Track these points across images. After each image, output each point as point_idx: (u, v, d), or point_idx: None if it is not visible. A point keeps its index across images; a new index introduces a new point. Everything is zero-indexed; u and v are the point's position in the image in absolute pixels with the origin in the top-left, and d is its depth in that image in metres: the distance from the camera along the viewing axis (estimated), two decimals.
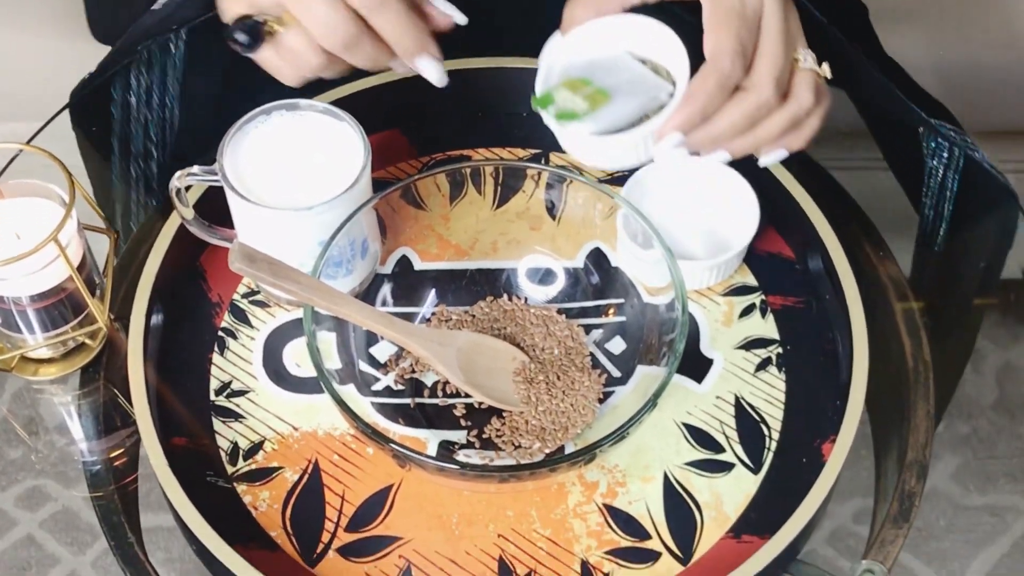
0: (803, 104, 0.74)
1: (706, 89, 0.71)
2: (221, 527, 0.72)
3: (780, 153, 0.76)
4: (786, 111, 0.74)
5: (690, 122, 0.72)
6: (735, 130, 0.73)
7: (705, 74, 0.72)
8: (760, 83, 0.72)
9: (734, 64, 0.71)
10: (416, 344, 0.76)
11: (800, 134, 0.76)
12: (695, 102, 0.72)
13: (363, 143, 0.79)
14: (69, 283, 0.78)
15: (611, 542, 0.74)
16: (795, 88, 0.74)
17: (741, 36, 0.72)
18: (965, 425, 0.84)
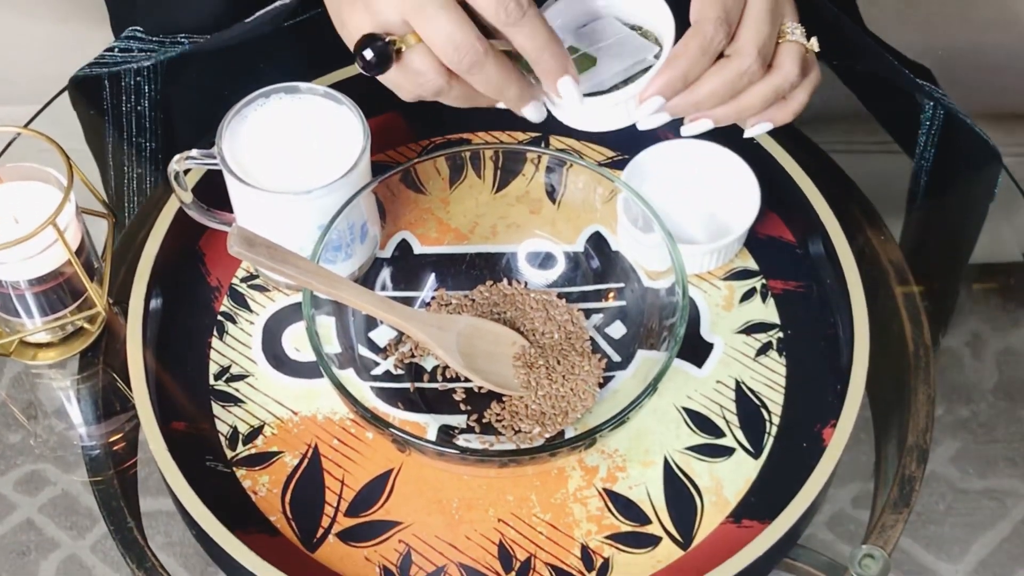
0: (788, 76, 0.74)
1: (688, 54, 0.71)
2: (221, 512, 0.72)
3: (765, 125, 0.76)
4: (769, 82, 0.74)
5: (671, 86, 0.72)
6: (716, 97, 0.73)
7: (688, 39, 0.72)
8: (743, 51, 0.72)
9: (717, 30, 0.71)
10: (416, 328, 0.76)
11: (787, 107, 0.75)
12: (676, 66, 0.72)
13: (362, 127, 0.78)
14: (67, 267, 0.78)
15: (611, 527, 0.74)
16: (780, 59, 0.74)
17: (726, 3, 0.72)
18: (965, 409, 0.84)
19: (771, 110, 0.75)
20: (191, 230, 0.84)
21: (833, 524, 0.77)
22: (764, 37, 0.72)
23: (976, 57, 1.27)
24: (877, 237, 0.86)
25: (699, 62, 0.72)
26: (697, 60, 0.72)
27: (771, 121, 0.76)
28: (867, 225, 0.87)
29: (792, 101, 0.75)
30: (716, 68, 0.72)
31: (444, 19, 0.68)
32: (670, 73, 0.72)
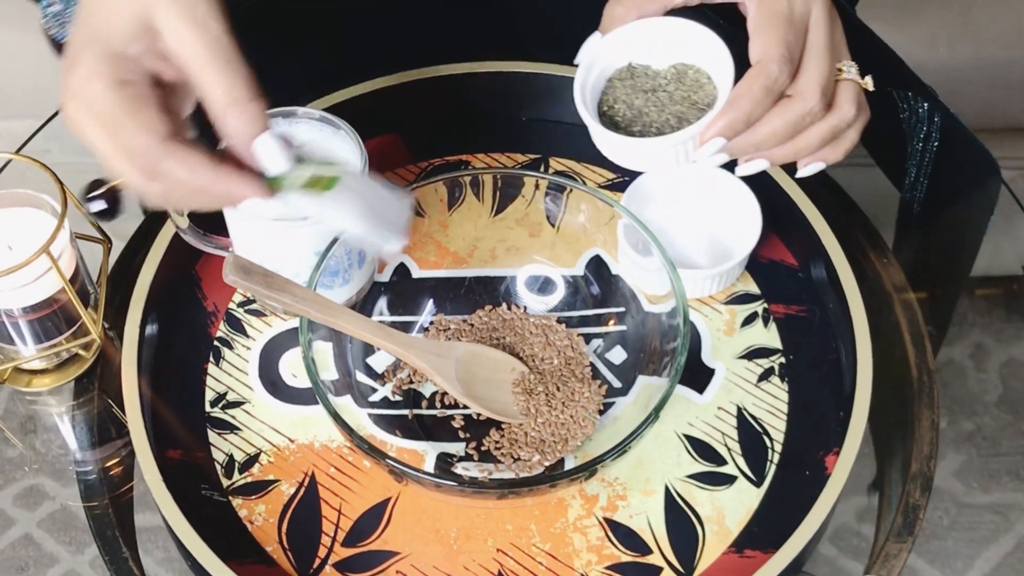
0: (845, 115, 0.73)
1: (751, 94, 0.70)
2: (216, 542, 0.71)
3: (818, 165, 0.75)
4: (828, 122, 0.72)
5: (733, 127, 0.71)
6: (777, 138, 0.72)
7: (751, 79, 0.70)
8: (807, 91, 0.71)
9: (781, 70, 0.70)
10: (414, 356, 0.75)
11: (839, 146, 0.74)
12: (739, 107, 0.70)
13: (360, 151, 0.78)
14: (62, 294, 0.77)
15: (612, 557, 0.73)
16: (838, 99, 0.73)
17: (789, 42, 0.70)
18: (969, 422, 0.84)
19: (824, 149, 0.74)
20: (187, 255, 0.84)
21: (836, 539, 0.77)
22: (826, 76, 0.71)
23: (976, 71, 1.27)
24: (879, 260, 0.86)
25: (762, 103, 0.70)
26: (761, 101, 0.70)
27: (824, 160, 0.75)
28: (869, 249, 0.86)
29: (844, 140, 0.74)
30: (779, 108, 0.71)
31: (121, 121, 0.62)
32: (733, 114, 0.70)
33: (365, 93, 0.89)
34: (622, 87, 0.76)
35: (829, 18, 0.72)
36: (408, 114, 0.90)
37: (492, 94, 0.91)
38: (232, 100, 0.61)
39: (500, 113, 0.92)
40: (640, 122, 0.75)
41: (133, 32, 0.62)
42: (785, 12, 0.71)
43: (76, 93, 0.62)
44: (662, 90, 0.75)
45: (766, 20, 0.71)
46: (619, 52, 0.76)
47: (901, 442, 0.79)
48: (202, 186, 0.62)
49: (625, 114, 0.75)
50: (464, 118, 0.92)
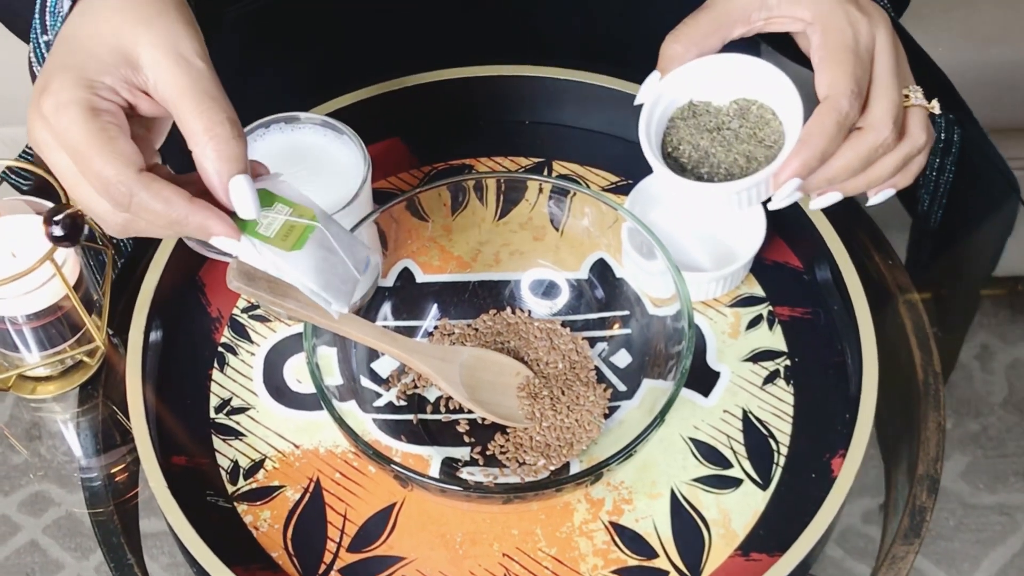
0: (916, 142, 0.72)
1: (824, 131, 0.69)
2: (221, 548, 0.71)
3: (888, 192, 0.74)
4: (901, 150, 0.72)
5: (808, 166, 0.69)
6: (850, 171, 0.71)
7: (822, 115, 0.69)
8: (879, 123, 0.70)
9: (852, 105, 0.69)
10: (418, 361, 0.75)
11: (909, 171, 0.73)
12: (813, 145, 0.69)
13: (363, 156, 0.78)
14: (65, 301, 0.77)
15: (617, 561, 0.73)
16: (909, 126, 0.72)
17: (857, 75, 0.69)
18: (974, 423, 0.84)
19: (895, 176, 0.73)
20: (191, 261, 0.83)
21: (842, 540, 0.76)
22: (896, 106, 0.70)
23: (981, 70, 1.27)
24: (884, 262, 0.85)
25: (835, 139, 0.69)
26: (834, 137, 0.69)
27: (894, 187, 0.74)
28: (874, 250, 0.86)
29: (914, 164, 0.73)
30: (852, 142, 0.70)
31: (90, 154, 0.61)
32: (807, 153, 0.69)
33: (368, 98, 0.89)
34: (685, 127, 0.75)
35: (893, 44, 0.71)
36: (411, 118, 0.90)
37: (495, 98, 0.91)
38: (212, 136, 0.61)
39: (503, 117, 0.92)
40: (707, 163, 0.74)
41: (113, 62, 0.62)
42: (851, 44, 0.70)
43: (48, 116, 0.61)
44: (726, 128, 0.74)
45: (832, 53, 0.70)
46: (679, 90, 0.75)
47: (907, 444, 0.79)
48: (176, 219, 0.61)
49: (691, 155, 0.74)
50: (467, 122, 0.92)
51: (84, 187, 0.62)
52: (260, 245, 0.63)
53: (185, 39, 0.62)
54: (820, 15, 0.71)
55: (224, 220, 0.62)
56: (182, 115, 0.62)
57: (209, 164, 0.61)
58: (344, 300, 0.64)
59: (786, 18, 0.73)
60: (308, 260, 0.63)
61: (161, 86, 0.62)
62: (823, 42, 0.71)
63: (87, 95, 0.61)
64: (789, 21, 0.73)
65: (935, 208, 0.89)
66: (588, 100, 0.90)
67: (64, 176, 0.63)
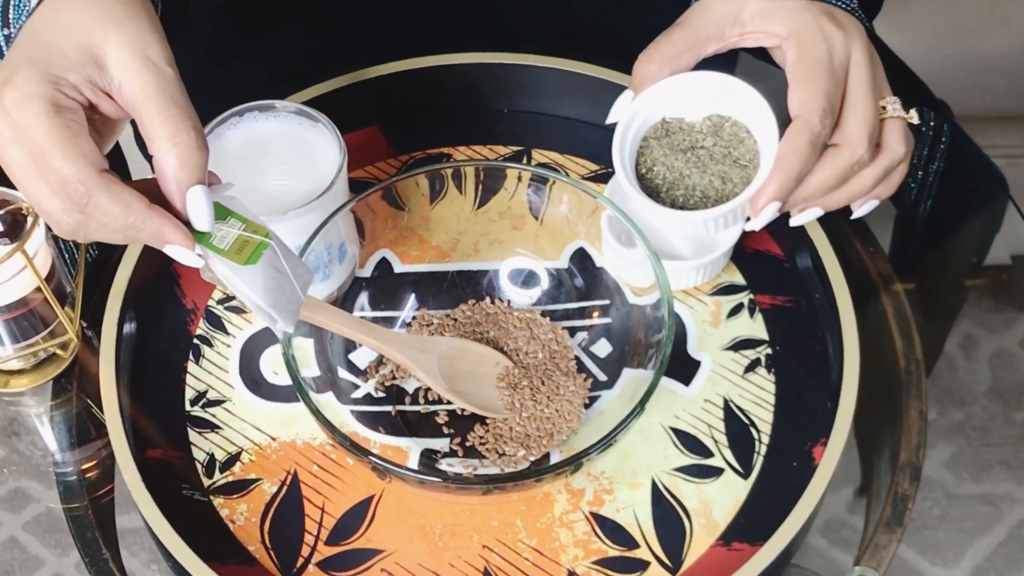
0: (895, 154, 0.72)
1: (797, 152, 0.69)
2: (197, 543, 0.70)
3: (872, 204, 0.74)
4: (879, 164, 0.71)
5: (785, 188, 0.69)
6: (827, 188, 0.71)
7: (795, 135, 0.69)
8: (854, 140, 0.70)
9: (824, 123, 0.69)
10: (396, 351, 0.74)
11: (890, 181, 0.73)
12: (788, 167, 0.69)
13: (339, 144, 0.77)
14: (37, 293, 0.76)
15: (598, 551, 0.72)
16: (886, 138, 0.71)
17: (829, 93, 0.69)
18: (959, 412, 0.83)
19: (877, 187, 0.73)
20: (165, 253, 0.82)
21: (827, 531, 0.76)
22: (871, 121, 0.70)
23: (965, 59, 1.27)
24: (866, 250, 0.85)
25: (809, 159, 0.69)
26: (808, 157, 0.69)
27: (877, 198, 0.74)
28: (855, 238, 0.85)
29: (895, 175, 0.73)
30: (827, 160, 0.70)
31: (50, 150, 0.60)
32: (782, 176, 0.69)
33: (345, 86, 0.88)
34: (659, 146, 0.75)
35: (869, 57, 0.71)
36: (388, 107, 0.90)
37: (473, 86, 0.90)
38: (176, 144, 0.61)
39: (482, 105, 0.91)
40: (682, 185, 0.74)
41: (78, 61, 0.61)
42: (824, 60, 0.69)
43: (9, 109, 0.60)
44: (700, 146, 0.74)
45: (805, 69, 0.70)
46: (652, 108, 0.74)
47: (889, 432, 0.78)
48: (132, 224, 0.61)
49: (666, 177, 0.74)
50: (445, 110, 0.91)
51: (38, 184, 0.61)
52: (214, 257, 0.62)
53: (153, 44, 0.62)
54: (795, 30, 0.70)
55: (180, 229, 0.61)
56: (146, 119, 0.61)
57: (170, 171, 0.61)
58: (290, 319, 0.65)
59: (761, 33, 0.72)
60: (259, 276, 0.63)
61: (126, 89, 0.61)
62: (797, 58, 0.70)
63: (51, 91, 0.60)
64: (764, 36, 0.72)
65: (924, 198, 0.89)
66: (567, 88, 0.89)
67: (16, 172, 0.61)
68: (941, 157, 0.88)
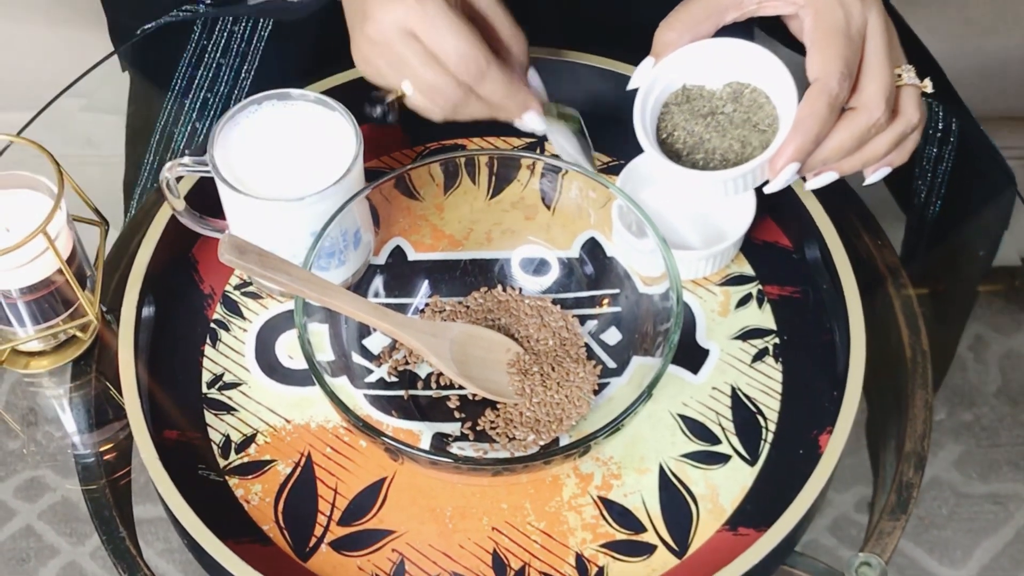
0: (910, 121, 0.73)
1: (816, 114, 0.70)
2: (212, 521, 0.71)
3: (884, 170, 0.75)
4: (894, 129, 0.73)
5: (804, 150, 0.71)
6: (844, 151, 0.72)
7: (813, 98, 0.70)
8: (870, 103, 0.71)
9: (842, 86, 0.70)
10: (409, 336, 0.75)
11: (904, 148, 0.74)
12: (807, 129, 0.70)
13: (355, 133, 0.78)
14: (59, 276, 0.77)
15: (606, 535, 0.73)
16: (902, 105, 0.73)
17: (847, 56, 0.70)
18: (967, 413, 0.84)
19: (891, 154, 0.74)
20: (184, 237, 0.84)
21: (835, 528, 0.77)
22: (888, 86, 0.71)
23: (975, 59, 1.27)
24: (874, 242, 0.86)
25: (828, 121, 0.70)
26: (826, 119, 0.70)
27: (890, 165, 0.75)
28: (863, 229, 0.86)
29: (908, 142, 0.74)
30: (845, 123, 0.71)
31: (450, 34, 0.72)
32: (801, 137, 0.70)
33: (361, 76, 0.89)
34: (679, 112, 0.76)
35: (885, 25, 0.72)
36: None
37: None
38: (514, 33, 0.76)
39: None
40: (702, 149, 0.75)
41: None
42: (842, 26, 0.71)
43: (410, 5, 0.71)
44: (720, 112, 0.75)
45: (823, 35, 0.71)
46: (672, 76, 0.76)
47: (895, 422, 0.79)
48: (510, 93, 0.74)
49: (686, 141, 0.75)
50: None
51: (435, 67, 0.73)
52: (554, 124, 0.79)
53: None
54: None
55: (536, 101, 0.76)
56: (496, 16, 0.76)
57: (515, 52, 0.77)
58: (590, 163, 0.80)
59: (779, 2, 0.73)
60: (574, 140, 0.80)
61: None
62: (815, 24, 0.71)
63: None
64: (782, 4, 0.73)
65: (932, 199, 0.90)
66: (580, 81, 0.90)
67: (413, 59, 0.73)
68: (949, 157, 0.89)
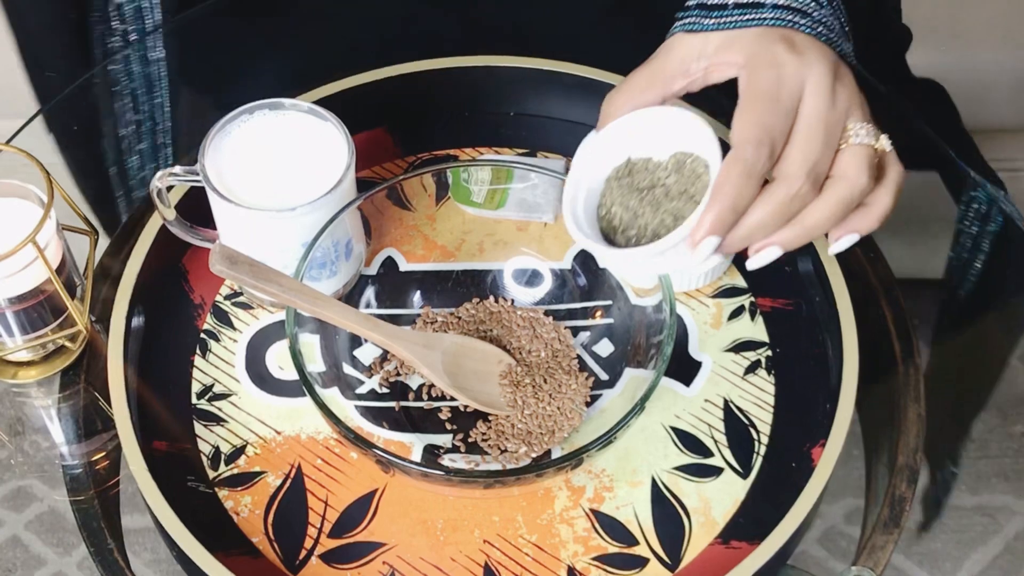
0: (854, 184, 0.67)
1: (730, 182, 0.65)
2: (202, 533, 0.71)
3: (850, 238, 0.69)
4: (834, 193, 0.67)
5: (722, 220, 0.65)
6: (768, 227, 0.67)
7: (727, 166, 0.66)
8: (789, 173, 0.66)
9: (757, 152, 0.65)
10: (400, 347, 0.75)
11: (870, 213, 0.69)
12: (723, 197, 0.65)
13: (347, 143, 0.78)
14: (48, 285, 0.77)
15: (598, 548, 0.73)
16: (842, 167, 0.67)
17: (766, 121, 0.66)
18: None
19: (853, 220, 0.69)
20: (174, 247, 0.83)
21: (825, 540, 0.77)
22: (815, 154, 0.66)
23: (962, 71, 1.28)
24: (866, 255, 0.86)
25: (743, 189, 0.65)
26: (742, 188, 0.65)
27: (856, 231, 0.69)
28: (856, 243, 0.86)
29: (874, 206, 0.69)
30: (763, 195, 0.66)
31: None
32: (717, 207, 0.65)
33: (353, 86, 0.89)
34: (619, 187, 0.71)
35: (829, 83, 0.67)
36: (396, 108, 0.90)
37: (480, 88, 0.91)
38: None
39: (488, 108, 0.92)
40: (635, 225, 0.70)
41: None
42: (770, 89, 0.67)
43: None
44: (660, 185, 0.70)
45: (748, 98, 0.67)
46: (617, 148, 0.72)
47: (888, 434, 0.79)
48: None
49: (622, 218, 0.71)
50: (452, 113, 0.92)
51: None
52: None
53: None
54: (751, 57, 0.68)
55: None
56: None
57: None
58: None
59: (723, 64, 0.70)
60: None
61: None
62: (745, 86, 0.68)
63: None
64: (726, 67, 0.70)
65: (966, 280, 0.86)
66: (573, 92, 0.90)
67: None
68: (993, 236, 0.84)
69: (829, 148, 0.67)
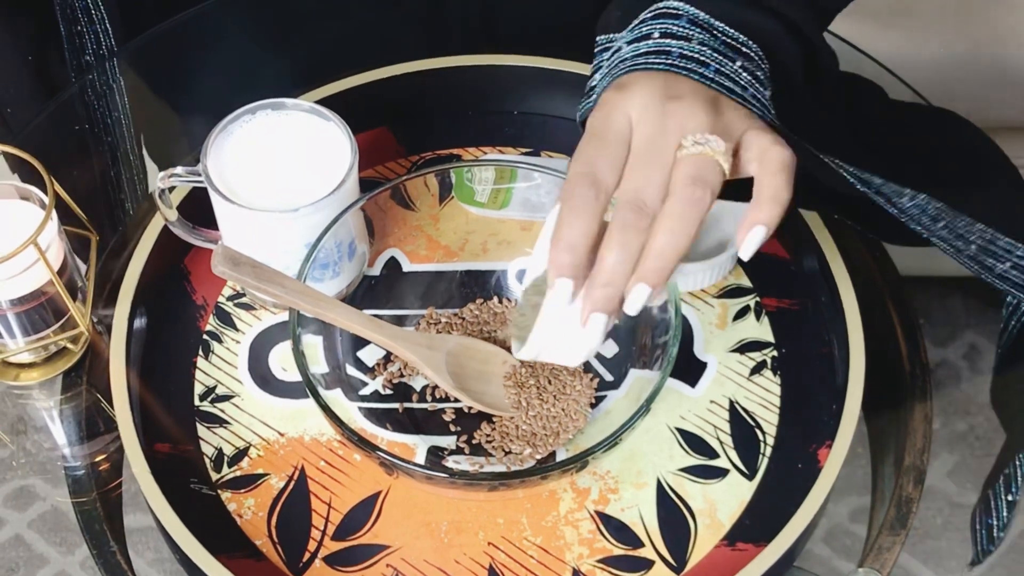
0: (683, 195, 0.64)
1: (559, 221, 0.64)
2: (205, 536, 0.71)
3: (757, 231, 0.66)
4: (665, 215, 0.64)
5: (557, 261, 0.64)
6: (622, 264, 0.64)
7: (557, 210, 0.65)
8: (617, 205, 0.65)
9: (579, 184, 0.64)
10: (404, 348, 0.75)
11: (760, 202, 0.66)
12: (554, 240, 0.64)
13: (350, 143, 0.77)
14: (50, 287, 0.76)
15: (603, 550, 0.73)
16: (672, 183, 0.64)
17: (588, 157, 0.65)
18: (962, 423, 0.84)
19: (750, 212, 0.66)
20: (176, 248, 0.83)
21: (830, 539, 0.76)
22: (635, 181, 0.64)
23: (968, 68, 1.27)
24: (872, 254, 0.85)
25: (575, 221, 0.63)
26: (570, 221, 0.63)
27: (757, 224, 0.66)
28: (862, 242, 0.86)
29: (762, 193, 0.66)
30: (605, 238, 0.64)
31: None
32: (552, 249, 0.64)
33: (356, 86, 0.89)
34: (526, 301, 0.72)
35: (656, 107, 0.66)
36: (399, 107, 0.90)
37: (484, 87, 0.91)
38: None
39: (492, 107, 0.92)
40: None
41: None
42: (593, 127, 0.66)
43: None
44: None
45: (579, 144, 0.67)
46: None
47: (894, 436, 0.79)
48: None
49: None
50: (456, 112, 0.92)
51: None
52: None
53: None
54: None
55: None
56: None
57: None
58: None
59: None
60: None
61: None
62: None
63: None
64: None
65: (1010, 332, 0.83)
66: (577, 91, 0.90)
67: None
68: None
69: (655, 171, 0.65)
